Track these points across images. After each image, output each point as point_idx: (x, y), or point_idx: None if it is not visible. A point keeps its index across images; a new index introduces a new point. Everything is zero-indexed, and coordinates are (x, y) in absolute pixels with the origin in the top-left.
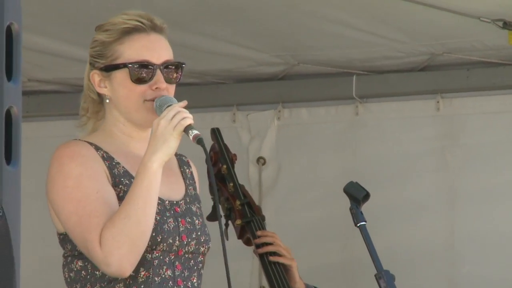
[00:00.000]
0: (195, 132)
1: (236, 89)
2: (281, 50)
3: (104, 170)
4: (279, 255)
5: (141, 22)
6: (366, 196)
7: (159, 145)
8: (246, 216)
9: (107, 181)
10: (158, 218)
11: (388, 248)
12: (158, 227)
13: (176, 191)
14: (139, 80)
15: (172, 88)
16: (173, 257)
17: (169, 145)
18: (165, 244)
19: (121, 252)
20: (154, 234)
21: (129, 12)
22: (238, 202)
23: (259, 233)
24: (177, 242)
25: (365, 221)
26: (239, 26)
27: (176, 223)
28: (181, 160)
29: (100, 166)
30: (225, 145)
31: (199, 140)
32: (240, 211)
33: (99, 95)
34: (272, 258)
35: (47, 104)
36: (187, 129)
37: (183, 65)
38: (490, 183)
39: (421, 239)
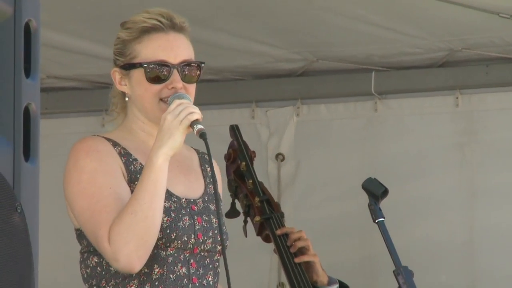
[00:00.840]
0: (199, 126)
1: (255, 85)
2: (300, 47)
3: (119, 166)
4: (302, 253)
5: (160, 21)
6: (385, 192)
7: (165, 140)
8: (265, 213)
9: (122, 177)
10: (173, 215)
11: (406, 244)
12: (172, 224)
13: (195, 189)
14: (154, 80)
15: (191, 88)
16: (188, 254)
17: (175, 139)
18: (179, 242)
19: (129, 247)
20: (168, 231)
21: (150, 10)
22: (257, 199)
23: (286, 230)
24: (192, 240)
25: (384, 217)
26: (258, 23)
27: (192, 221)
28: (203, 158)
29: (116, 162)
30: (244, 142)
31: (202, 135)
32: (259, 208)
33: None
34: (297, 260)
35: (66, 100)
36: (192, 123)
37: (203, 64)
38: (509, 179)
39: (440, 235)
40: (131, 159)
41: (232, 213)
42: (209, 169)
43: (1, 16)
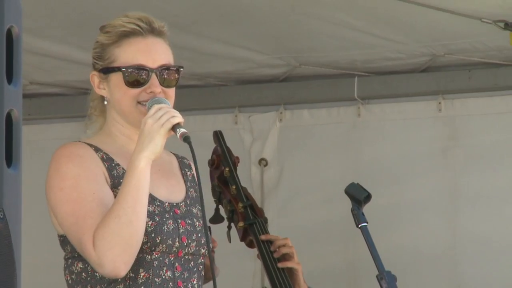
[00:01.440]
0: (183, 130)
1: (237, 91)
2: (283, 52)
3: (102, 171)
4: (285, 259)
5: (139, 26)
6: (368, 197)
7: (146, 143)
8: (249, 219)
9: (105, 182)
10: (157, 219)
11: (390, 249)
12: (157, 228)
13: (177, 193)
14: (133, 84)
15: (170, 92)
16: (172, 258)
17: (156, 143)
18: (164, 245)
19: (114, 252)
20: (153, 235)
21: (130, 15)
22: (240, 205)
23: (270, 237)
24: (176, 243)
25: (367, 222)
26: (241, 28)
27: (176, 224)
28: (183, 163)
29: (98, 167)
30: (228, 148)
31: (185, 138)
32: (242, 213)
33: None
34: (280, 265)
35: (49, 106)
36: (175, 127)
37: (181, 69)
38: (492, 184)
39: (423, 240)
40: (113, 164)
41: (216, 218)
42: (189, 173)
43: None
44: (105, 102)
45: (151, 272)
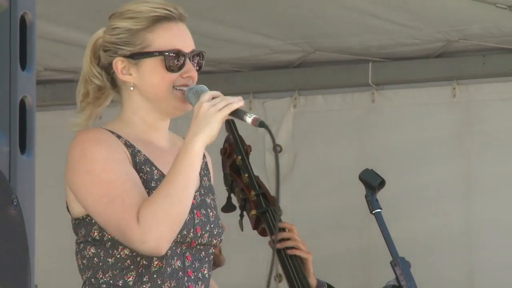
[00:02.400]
0: (254, 115)
1: (252, 77)
2: (297, 38)
3: (127, 156)
4: (296, 248)
5: (170, 11)
6: (382, 183)
7: (202, 127)
8: (261, 207)
9: (131, 165)
10: None
11: (404, 235)
12: None
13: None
14: (171, 68)
15: (196, 76)
16: (184, 248)
17: (212, 127)
18: (179, 236)
19: (160, 229)
20: None
21: (150, 0)
22: (253, 193)
23: (285, 225)
24: (191, 234)
25: (381, 208)
26: (255, 14)
27: (192, 215)
28: None
29: (123, 151)
30: (240, 136)
31: (261, 123)
32: (255, 201)
33: (113, 82)
34: (289, 252)
35: (63, 93)
36: (239, 113)
37: (204, 54)
38: (506, 170)
39: (437, 226)
40: (135, 150)
41: (228, 207)
42: (202, 160)
43: None
44: (131, 88)
45: (164, 261)
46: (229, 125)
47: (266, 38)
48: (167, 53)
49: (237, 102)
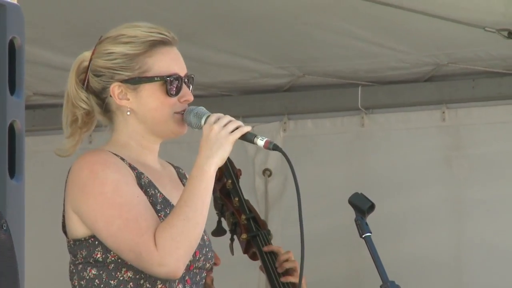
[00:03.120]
0: (266, 138)
1: (241, 101)
2: (286, 62)
3: (133, 178)
4: (289, 274)
5: (165, 35)
6: (371, 207)
7: (215, 150)
8: (252, 231)
9: (139, 187)
10: None
11: (394, 259)
12: None
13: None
14: (172, 93)
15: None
16: (184, 271)
17: (225, 150)
18: None
19: (179, 252)
20: None
21: (141, 25)
22: (243, 217)
23: (273, 248)
24: (191, 257)
25: (370, 232)
26: (244, 38)
27: None
28: (180, 173)
29: (130, 173)
30: (230, 160)
31: (274, 146)
32: (245, 225)
33: (106, 106)
34: (283, 279)
35: (53, 117)
36: (249, 136)
37: (193, 77)
38: (496, 193)
39: (427, 250)
40: (139, 173)
41: (219, 231)
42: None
43: None
44: (127, 113)
45: (167, 284)
46: None
47: (255, 62)
48: (168, 78)
49: (246, 125)
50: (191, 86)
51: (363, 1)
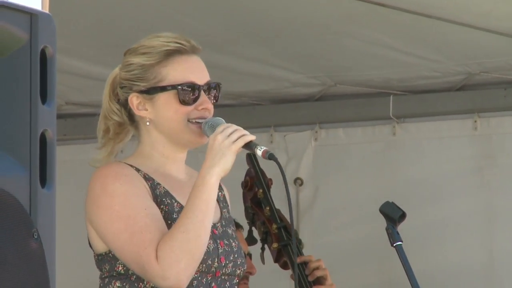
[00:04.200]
0: (264, 148)
1: (273, 110)
2: (318, 71)
3: (147, 189)
4: (320, 283)
5: (182, 44)
6: (402, 216)
7: (217, 159)
8: (283, 240)
9: (151, 199)
10: None
11: (426, 268)
12: None
13: (213, 213)
14: (185, 102)
15: (212, 109)
16: (210, 278)
17: (227, 160)
18: (204, 265)
19: (180, 265)
20: None
21: (162, 35)
22: (274, 226)
23: (304, 258)
24: (216, 263)
25: (401, 241)
26: (275, 47)
27: (216, 244)
28: None
29: (143, 185)
30: (261, 170)
31: (270, 156)
32: (276, 234)
33: (131, 118)
34: (316, 287)
35: (85, 127)
36: (251, 145)
37: (220, 86)
38: None
39: (459, 260)
40: (155, 183)
41: (250, 240)
42: (220, 193)
43: (17, 42)
44: (147, 124)
45: None
46: (250, 158)
47: (286, 71)
48: (179, 87)
49: (250, 134)
50: (214, 95)
51: (394, 10)
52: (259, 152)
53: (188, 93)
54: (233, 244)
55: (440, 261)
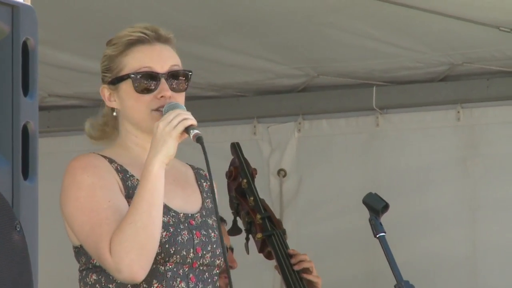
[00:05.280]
0: (196, 131)
1: (256, 101)
2: (301, 62)
3: (117, 181)
4: (305, 273)
5: (145, 33)
6: (385, 207)
7: (159, 147)
8: (267, 230)
9: (120, 191)
10: (172, 230)
11: (408, 259)
12: (171, 239)
13: (192, 204)
14: (143, 90)
15: (179, 97)
16: (187, 269)
17: (168, 146)
18: (178, 256)
19: (130, 257)
20: (167, 246)
21: (135, 25)
22: (258, 216)
23: (289, 252)
24: (191, 254)
25: (385, 232)
26: (258, 39)
27: (191, 235)
28: (199, 174)
29: (113, 177)
30: (245, 160)
31: (198, 139)
32: (260, 225)
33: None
34: (303, 275)
35: (68, 119)
36: (188, 129)
37: (190, 73)
38: (511, 193)
39: (442, 250)
40: (128, 175)
41: (234, 230)
42: (205, 184)
43: None
44: (114, 114)
45: (164, 283)
46: (235, 148)
47: (269, 63)
48: (133, 75)
49: (191, 118)
50: (179, 83)
51: (377, 1)
52: (191, 134)
53: (143, 81)
54: (212, 234)
55: (424, 251)
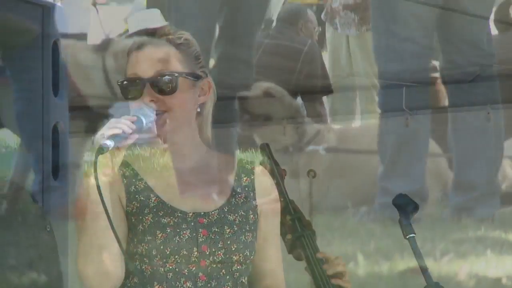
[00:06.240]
0: (108, 142)
1: None
2: None
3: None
4: (337, 277)
5: (142, 40)
6: (415, 208)
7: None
8: (297, 231)
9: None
10: (168, 231)
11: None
12: (167, 239)
13: (212, 201)
14: (128, 97)
15: (169, 100)
16: (194, 268)
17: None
18: (177, 256)
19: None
20: (162, 247)
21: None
22: (288, 217)
23: (320, 255)
24: (195, 253)
25: (414, 233)
26: None
27: (194, 234)
28: (243, 168)
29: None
30: (275, 161)
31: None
32: (290, 226)
33: None
34: (334, 281)
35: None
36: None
37: (176, 75)
38: None
39: None
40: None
41: None
42: (245, 178)
43: (29, 35)
44: None
45: (165, 284)
46: (264, 149)
47: None
48: (119, 83)
49: (114, 128)
50: (162, 87)
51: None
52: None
53: (126, 88)
54: (227, 230)
55: None
